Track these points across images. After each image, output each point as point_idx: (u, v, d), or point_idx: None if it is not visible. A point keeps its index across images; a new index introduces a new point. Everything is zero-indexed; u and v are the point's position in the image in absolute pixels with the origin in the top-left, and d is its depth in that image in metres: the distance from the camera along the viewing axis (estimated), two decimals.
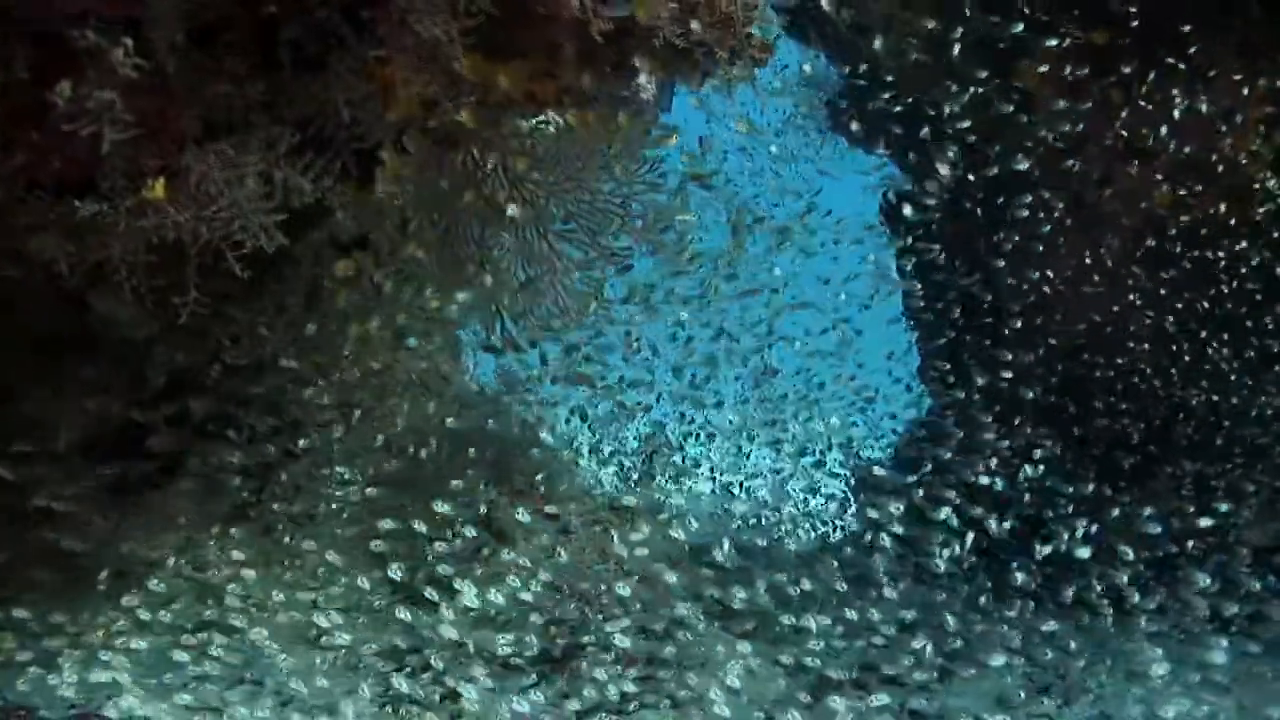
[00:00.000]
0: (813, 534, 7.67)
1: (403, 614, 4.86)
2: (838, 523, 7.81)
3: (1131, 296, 6.26)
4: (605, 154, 4.68)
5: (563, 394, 5.75)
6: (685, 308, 5.79)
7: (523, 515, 4.97)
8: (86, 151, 3.35)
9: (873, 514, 6.27)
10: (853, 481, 7.81)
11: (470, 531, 4.95)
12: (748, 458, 7.60)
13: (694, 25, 4.20)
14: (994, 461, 6.62)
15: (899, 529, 6.32)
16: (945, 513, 6.10)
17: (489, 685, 4.63)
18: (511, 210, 4.54)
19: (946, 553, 6.13)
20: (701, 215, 5.22)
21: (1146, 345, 6.32)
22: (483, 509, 5.07)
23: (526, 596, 4.81)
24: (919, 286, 7.33)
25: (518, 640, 4.73)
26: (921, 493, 6.71)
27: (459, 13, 3.71)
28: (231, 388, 5.34)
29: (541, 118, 4.53)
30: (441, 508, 4.85)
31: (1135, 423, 6.44)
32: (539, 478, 5.27)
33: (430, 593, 4.84)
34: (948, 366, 7.19)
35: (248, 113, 3.64)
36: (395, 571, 5.00)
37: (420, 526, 5.03)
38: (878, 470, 7.47)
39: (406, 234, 4.51)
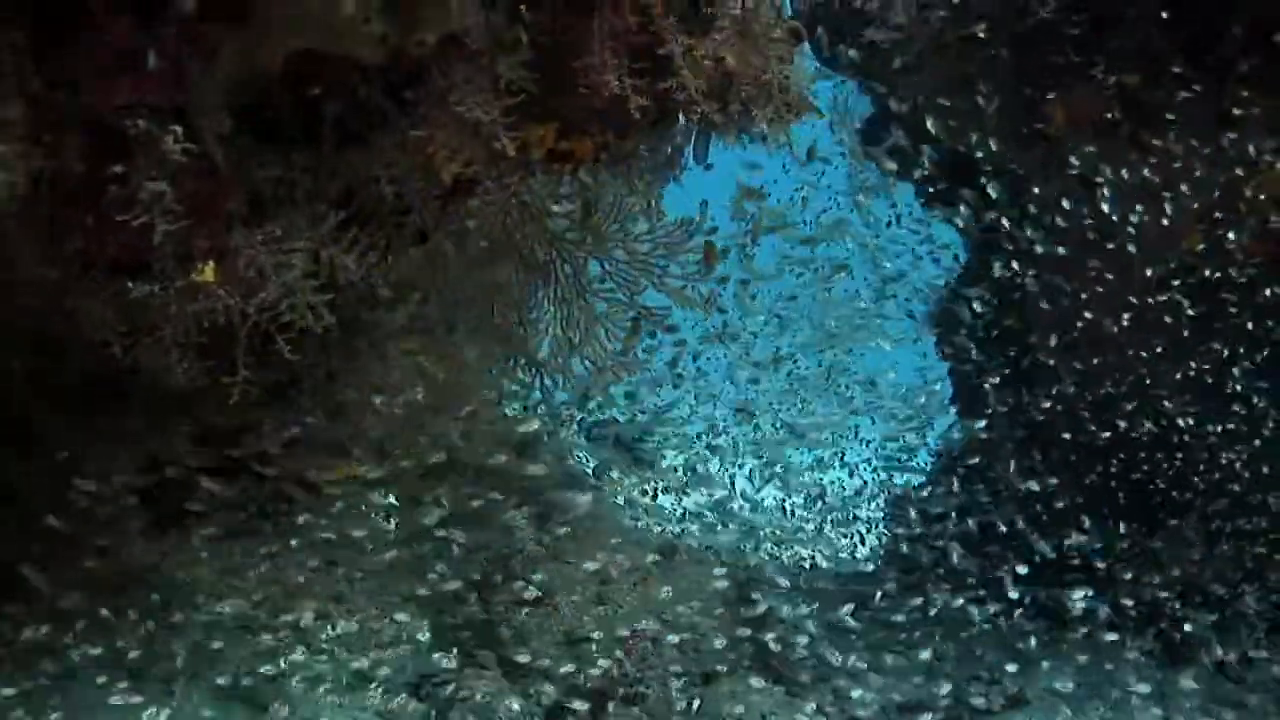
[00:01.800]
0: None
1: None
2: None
3: (1158, 338, 6.25)
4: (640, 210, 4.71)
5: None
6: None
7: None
8: (138, 235, 3.41)
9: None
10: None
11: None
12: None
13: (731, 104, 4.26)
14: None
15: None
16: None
17: None
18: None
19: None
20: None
21: (1171, 386, 6.32)
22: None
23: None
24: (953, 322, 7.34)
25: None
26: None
27: (500, 92, 3.77)
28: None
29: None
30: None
31: (1161, 464, 6.45)
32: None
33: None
34: (979, 397, 7.21)
35: (292, 191, 3.69)
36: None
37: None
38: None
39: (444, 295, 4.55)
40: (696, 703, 4.72)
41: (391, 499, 5.46)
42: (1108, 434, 6.53)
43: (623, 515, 5.84)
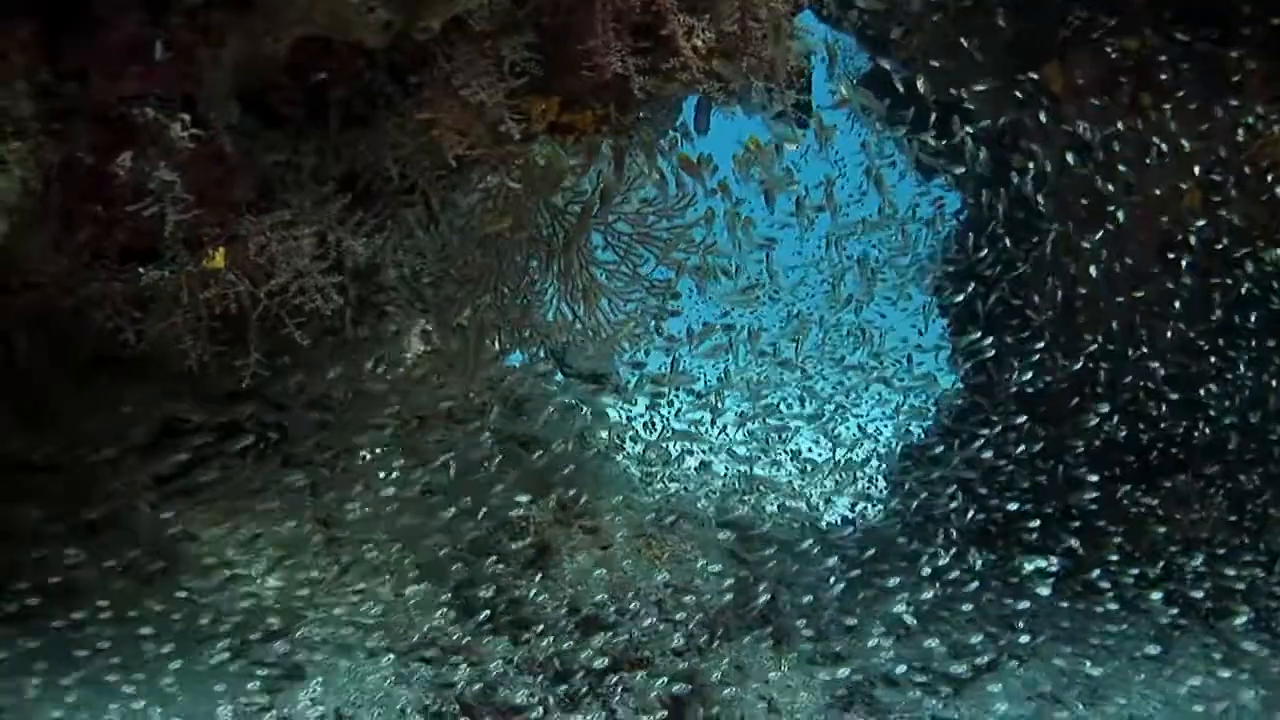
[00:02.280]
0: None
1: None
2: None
3: (1157, 298, 6.31)
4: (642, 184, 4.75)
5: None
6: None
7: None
8: (149, 223, 3.47)
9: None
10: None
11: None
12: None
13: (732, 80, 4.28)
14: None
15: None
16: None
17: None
18: None
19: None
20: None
21: (1170, 347, 6.38)
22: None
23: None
24: (950, 280, 7.39)
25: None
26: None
27: (504, 73, 3.80)
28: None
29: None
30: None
31: (1157, 426, 6.53)
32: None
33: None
34: (976, 358, 7.27)
35: (299, 175, 3.73)
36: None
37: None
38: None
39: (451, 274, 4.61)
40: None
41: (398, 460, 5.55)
42: (1106, 394, 6.61)
43: (625, 476, 5.91)
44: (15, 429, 4.91)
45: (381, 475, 5.40)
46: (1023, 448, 6.71)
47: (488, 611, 4.95)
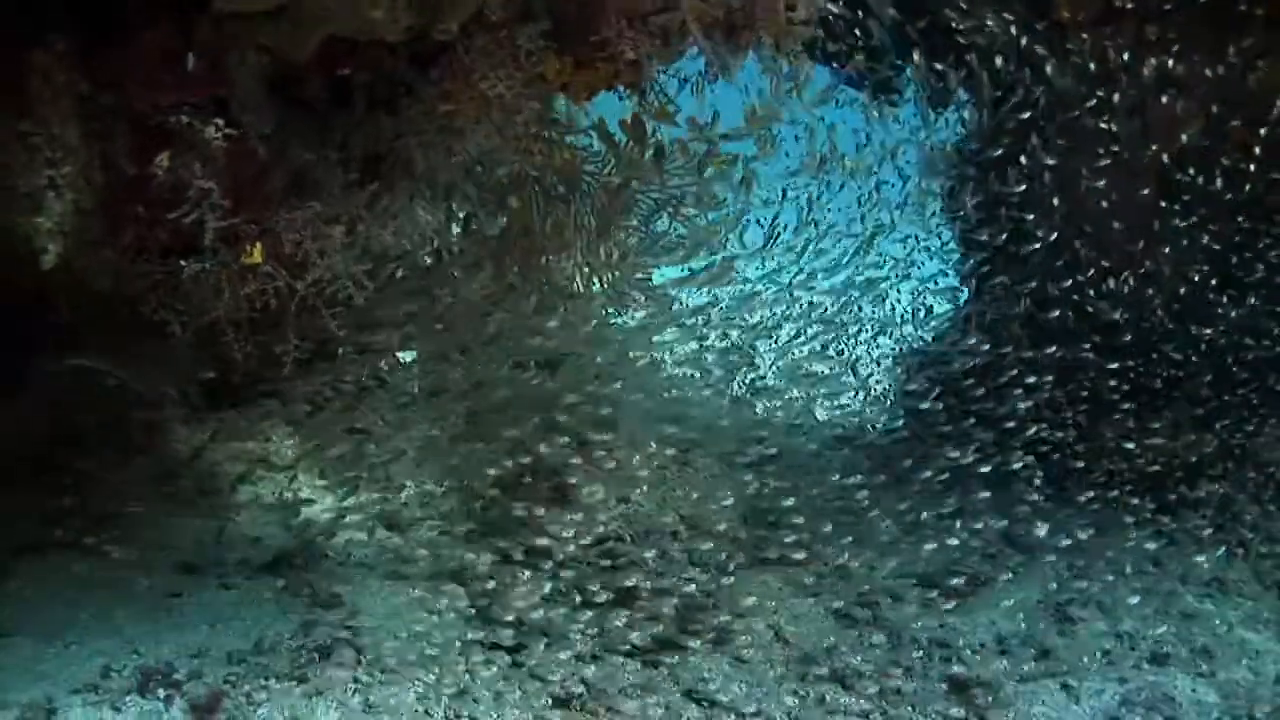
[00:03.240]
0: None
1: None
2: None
3: (1158, 227, 6.50)
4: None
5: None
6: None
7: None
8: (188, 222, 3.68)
9: None
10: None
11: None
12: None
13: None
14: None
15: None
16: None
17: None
18: None
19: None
20: None
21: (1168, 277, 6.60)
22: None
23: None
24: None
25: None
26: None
27: (521, 63, 3.95)
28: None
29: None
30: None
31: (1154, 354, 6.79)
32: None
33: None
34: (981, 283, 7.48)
35: (329, 167, 3.92)
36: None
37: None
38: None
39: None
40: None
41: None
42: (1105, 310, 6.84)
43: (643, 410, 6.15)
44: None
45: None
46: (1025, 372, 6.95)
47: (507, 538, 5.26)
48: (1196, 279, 6.58)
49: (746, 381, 7.20)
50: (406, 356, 6.03)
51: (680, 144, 5.08)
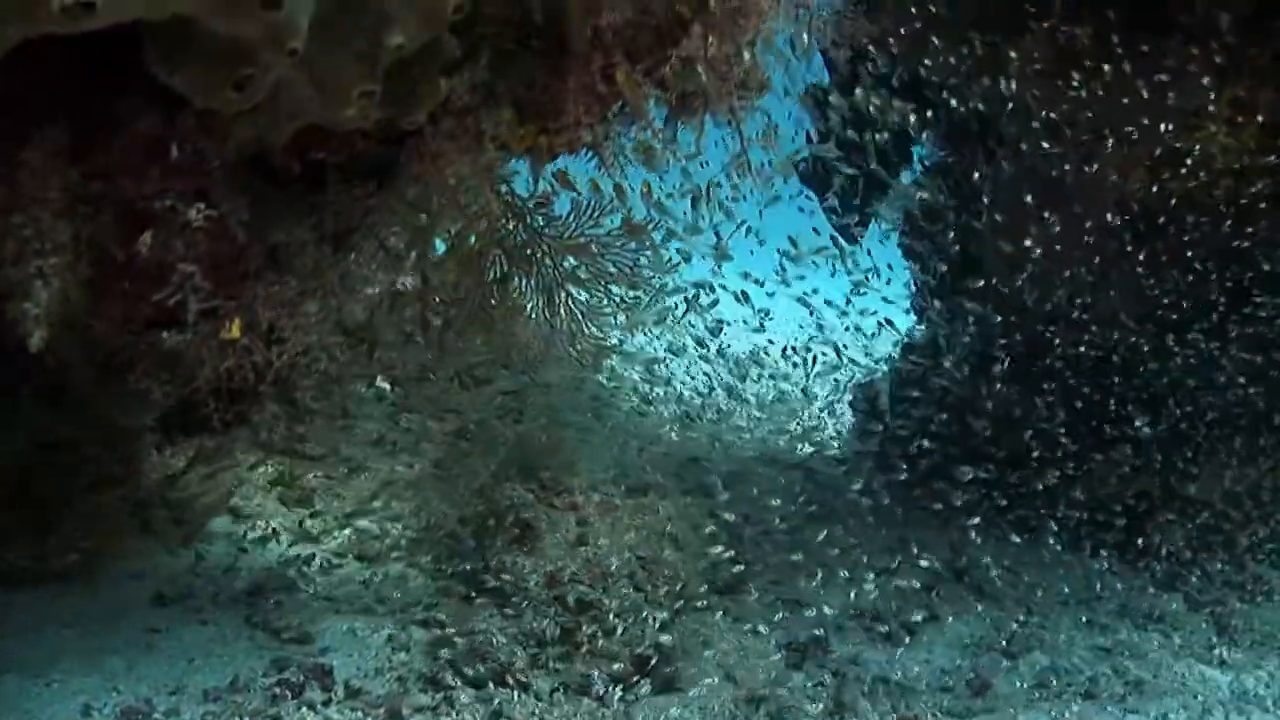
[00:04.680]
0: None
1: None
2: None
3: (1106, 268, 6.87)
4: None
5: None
6: None
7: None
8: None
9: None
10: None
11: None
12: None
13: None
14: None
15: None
16: None
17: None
18: None
19: None
20: None
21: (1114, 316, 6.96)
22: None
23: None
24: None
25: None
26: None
27: (486, 145, 4.25)
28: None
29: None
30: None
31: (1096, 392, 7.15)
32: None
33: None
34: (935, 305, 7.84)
35: (302, 244, 4.21)
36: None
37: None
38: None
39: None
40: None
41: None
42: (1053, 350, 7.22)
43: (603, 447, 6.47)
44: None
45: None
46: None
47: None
48: (1147, 324, 6.95)
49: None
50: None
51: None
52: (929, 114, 7.32)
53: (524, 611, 5.50)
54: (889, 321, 8.60)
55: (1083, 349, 7.04)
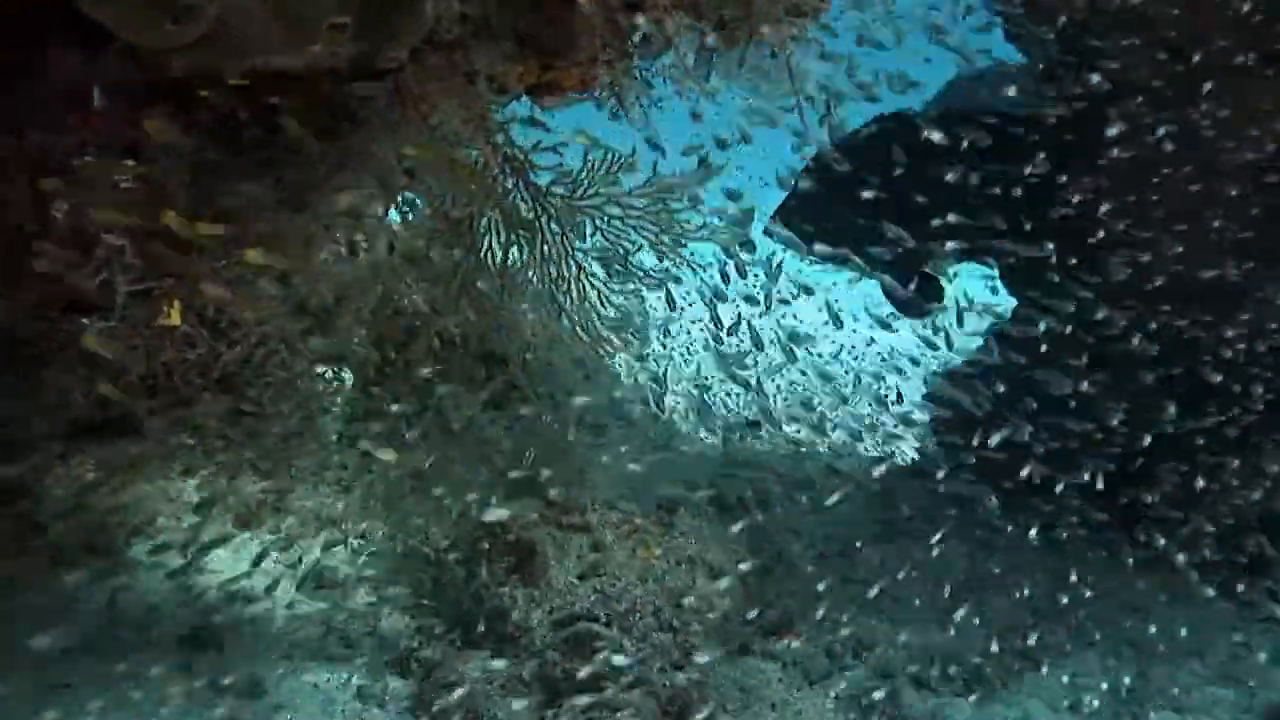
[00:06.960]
0: None
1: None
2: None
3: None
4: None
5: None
6: None
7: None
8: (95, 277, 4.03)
9: None
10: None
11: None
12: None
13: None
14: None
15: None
16: None
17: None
18: None
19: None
20: None
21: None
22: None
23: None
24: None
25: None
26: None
27: (479, 85, 4.32)
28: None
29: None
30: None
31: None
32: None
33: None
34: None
35: (259, 211, 4.28)
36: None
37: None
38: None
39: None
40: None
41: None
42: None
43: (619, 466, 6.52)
44: None
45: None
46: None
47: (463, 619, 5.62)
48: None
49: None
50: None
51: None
52: None
53: (525, 658, 5.55)
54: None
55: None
